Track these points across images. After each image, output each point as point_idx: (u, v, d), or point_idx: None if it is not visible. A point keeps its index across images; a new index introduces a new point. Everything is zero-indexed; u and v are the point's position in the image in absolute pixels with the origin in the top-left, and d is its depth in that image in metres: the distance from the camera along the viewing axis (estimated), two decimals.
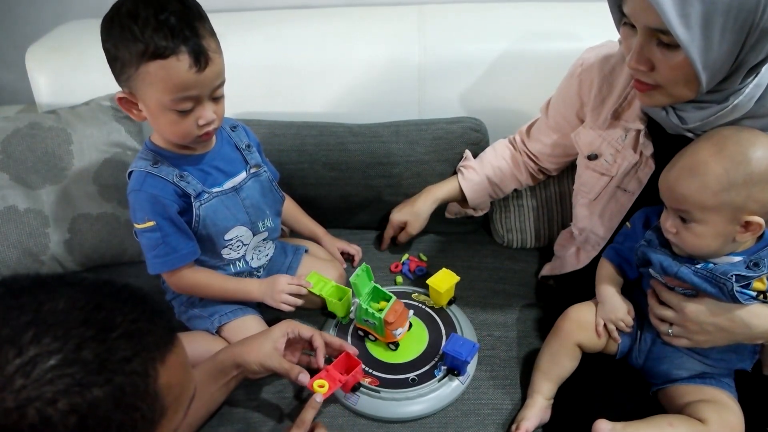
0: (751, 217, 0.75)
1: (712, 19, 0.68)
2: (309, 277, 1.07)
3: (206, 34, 0.83)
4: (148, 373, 0.49)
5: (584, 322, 0.93)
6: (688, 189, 0.76)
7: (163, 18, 0.79)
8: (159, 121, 0.88)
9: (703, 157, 0.76)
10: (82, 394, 0.44)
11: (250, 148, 1.05)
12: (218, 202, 0.98)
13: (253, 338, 0.91)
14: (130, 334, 0.48)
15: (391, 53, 1.30)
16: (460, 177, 1.23)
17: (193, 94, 0.84)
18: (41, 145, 1.18)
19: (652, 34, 0.74)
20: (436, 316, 1.08)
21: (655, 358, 0.90)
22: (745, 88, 0.77)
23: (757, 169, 0.73)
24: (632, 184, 0.95)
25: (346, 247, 1.26)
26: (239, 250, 1.04)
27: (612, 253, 0.96)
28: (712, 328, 0.81)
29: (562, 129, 1.09)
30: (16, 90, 1.64)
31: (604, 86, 0.97)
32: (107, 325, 0.47)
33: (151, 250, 0.95)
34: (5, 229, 1.16)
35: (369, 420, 0.94)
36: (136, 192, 0.92)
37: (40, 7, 1.56)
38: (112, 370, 0.46)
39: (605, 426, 0.80)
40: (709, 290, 0.79)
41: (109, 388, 0.46)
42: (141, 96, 0.85)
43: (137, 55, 0.80)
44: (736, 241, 0.78)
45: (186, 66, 0.81)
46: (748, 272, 0.77)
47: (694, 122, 0.81)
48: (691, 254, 0.81)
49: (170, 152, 0.95)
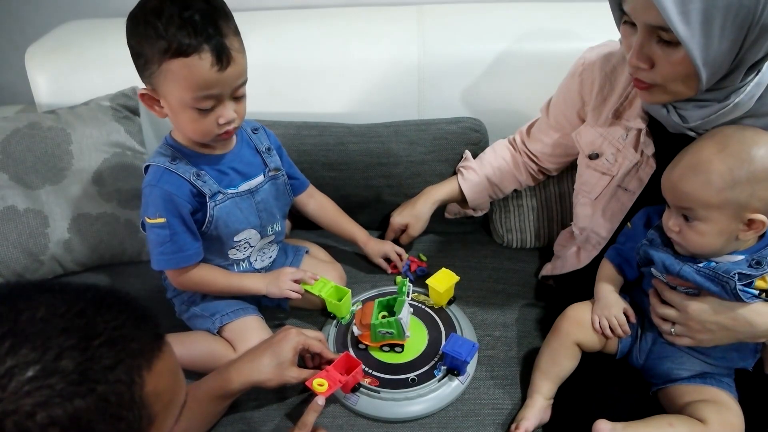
0: (755, 215, 0.75)
1: (712, 15, 0.68)
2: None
3: (230, 32, 0.83)
4: (134, 381, 0.47)
5: (583, 321, 0.93)
6: (691, 187, 0.76)
7: (187, 15, 0.79)
8: (180, 118, 0.88)
9: (706, 156, 0.76)
10: (63, 405, 0.43)
11: (270, 151, 1.04)
12: (232, 203, 0.97)
13: (263, 361, 0.87)
14: (113, 341, 0.47)
15: (391, 53, 1.30)
16: (460, 178, 1.23)
17: (214, 93, 0.84)
18: (41, 145, 1.18)
19: (653, 32, 0.74)
20: (436, 316, 1.08)
21: (655, 358, 0.90)
22: (746, 87, 0.77)
23: (761, 167, 0.73)
24: (633, 183, 0.95)
25: (390, 252, 1.21)
26: (245, 252, 1.04)
27: (613, 254, 0.96)
28: (715, 326, 0.81)
29: (563, 128, 1.09)
30: (15, 90, 1.64)
31: (605, 85, 0.97)
32: (89, 333, 0.46)
33: (157, 246, 0.95)
34: (5, 229, 1.16)
35: (369, 420, 0.94)
36: (152, 187, 0.92)
37: (40, 7, 1.56)
38: (94, 379, 0.44)
39: (605, 426, 0.80)
40: (712, 289, 0.79)
41: (92, 399, 0.44)
42: (163, 93, 0.85)
43: (160, 52, 0.80)
44: (739, 240, 0.78)
45: (208, 64, 0.81)
46: (751, 270, 0.77)
47: (695, 121, 0.81)
48: (694, 253, 0.81)
49: (189, 150, 0.95)
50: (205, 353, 0.97)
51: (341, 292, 1.08)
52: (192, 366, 0.97)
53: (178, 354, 0.97)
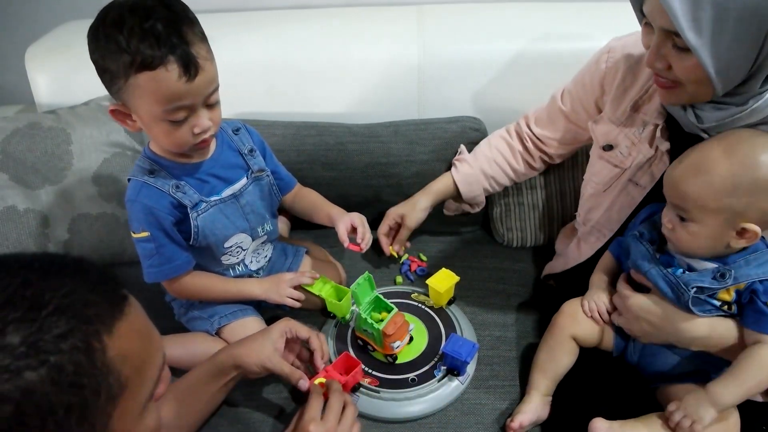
0: (749, 224, 0.74)
1: (725, 23, 0.67)
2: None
3: (195, 39, 0.80)
4: (92, 347, 0.46)
5: (578, 315, 0.94)
6: (691, 187, 0.76)
7: (148, 26, 0.75)
8: (153, 131, 0.86)
9: (712, 157, 0.75)
10: (12, 381, 0.42)
11: (253, 152, 1.02)
12: (216, 211, 0.97)
13: (251, 339, 0.90)
14: (63, 308, 0.45)
15: (391, 53, 1.30)
16: (454, 171, 1.22)
17: (185, 104, 0.81)
18: (41, 145, 1.18)
19: (668, 36, 0.75)
20: (436, 316, 1.08)
21: (648, 354, 0.91)
22: (766, 93, 0.76)
23: (764, 177, 0.72)
24: (645, 178, 0.94)
25: (355, 217, 1.09)
26: (238, 256, 1.04)
27: (615, 245, 0.97)
28: (645, 323, 0.85)
29: (578, 116, 1.09)
30: (15, 90, 1.64)
31: (627, 76, 0.96)
32: (35, 303, 0.44)
33: (146, 259, 0.95)
34: (5, 229, 1.16)
35: (369, 420, 0.94)
36: (132, 202, 0.91)
37: (40, 7, 1.56)
38: (45, 350, 0.43)
39: (602, 425, 0.80)
40: (669, 296, 0.81)
41: (45, 370, 0.43)
42: (133, 107, 0.83)
43: (125, 66, 0.77)
44: (730, 247, 0.78)
45: (175, 76, 0.77)
46: (713, 284, 0.77)
47: (710, 122, 0.80)
48: (683, 252, 0.82)
49: (168, 161, 0.93)
50: (203, 354, 0.97)
51: (341, 291, 1.08)
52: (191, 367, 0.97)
53: (177, 355, 1.00)
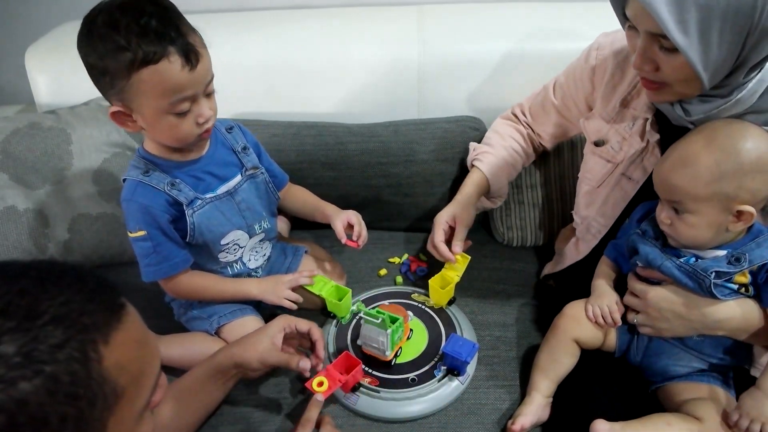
0: (743, 206, 0.76)
1: (710, 24, 0.69)
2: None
3: (189, 30, 0.82)
4: (88, 357, 0.45)
5: (580, 318, 0.93)
6: (680, 180, 0.78)
7: (144, 22, 0.77)
8: (157, 127, 0.87)
9: (694, 149, 0.77)
10: (7, 391, 0.41)
11: (247, 150, 1.03)
12: (212, 207, 0.97)
13: (250, 336, 0.91)
14: (60, 318, 0.45)
15: (391, 53, 1.30)
16: (479, 164, 1.16)
17: (189, 94, 0.83)
18: (41, 145, 1.18)
19: (654, 38, 0.76)
20: (436, 316, 1.08)
21: (652, 354, 0.91)
22: (749, 83, 0.78)
23: (747, 159, 0.74)
24: (637, 172, 0.95)
25: (351, 215, 1.10)
26: (236, 253, 1.04)
27: (610, 249, 0.98)
28: (671, 314, 0.84)
29: (568, 110, 1.10)
30: (15, 90, 1.64)
31: (616, 73, 0.98)
32: (31, 312, 0.44)
33: (143, 258, 0.95)
34: (5, 229, 1.16)
35: (369, 420, 0.94)
36: (128, 201, 0.92)
37: (40, 7, 1.56)
38: (40, 360, 0.43)
39: (603, 426, 0.80)
40: (689, 285, 0.81)
41: (40, 381, 0.42)
42: (136, 106, 0.84)
43: (126, 64, 0.78)
44: (730, 231, 0.79)
45: (179, 67, 0.80)
46: (729, 268, 0.79)
47: (697, 114, 0.82)
48: (686, 245, 0.83)
49: (162, 159, 0.94)
50: (203, 354, 0.97)
51: (341, 291, 1.08)
52: (190, 367, 0.97)
53: (176, 355, 1.00)
